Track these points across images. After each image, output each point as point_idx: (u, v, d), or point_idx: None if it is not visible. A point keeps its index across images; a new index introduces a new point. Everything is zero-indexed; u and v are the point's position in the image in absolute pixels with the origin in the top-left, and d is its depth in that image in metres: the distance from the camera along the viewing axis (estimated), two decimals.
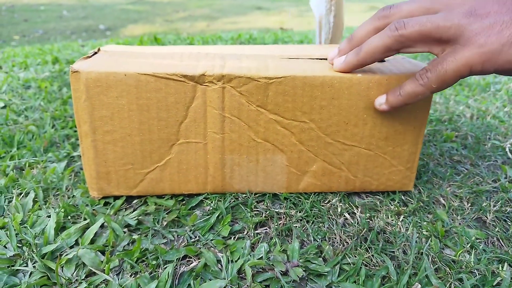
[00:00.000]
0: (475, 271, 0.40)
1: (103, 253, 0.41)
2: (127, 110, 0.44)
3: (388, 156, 0.48)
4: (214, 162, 0.47)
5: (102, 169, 0.46)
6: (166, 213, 0.47)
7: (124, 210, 0.48)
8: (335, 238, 0.44)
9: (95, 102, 0.43)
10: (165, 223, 0.46)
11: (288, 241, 0.44)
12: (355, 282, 0.38)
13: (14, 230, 0.43)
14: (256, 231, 0.45)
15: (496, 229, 0.47)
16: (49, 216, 0.46)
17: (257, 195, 0.51)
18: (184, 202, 0.50)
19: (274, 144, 0.47)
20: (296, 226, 0.46)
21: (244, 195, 0.50)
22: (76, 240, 0.43)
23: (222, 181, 0.49)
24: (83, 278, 0.38)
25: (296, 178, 0.49)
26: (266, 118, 0.45)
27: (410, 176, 0.50)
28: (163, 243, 0.43)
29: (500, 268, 0.40)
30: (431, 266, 0.40)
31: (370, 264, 0.41)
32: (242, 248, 0.42)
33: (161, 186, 0.48)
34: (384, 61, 0.49)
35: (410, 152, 0.48)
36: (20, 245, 0.42)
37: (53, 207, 0.48)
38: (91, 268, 0.39)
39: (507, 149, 0.66)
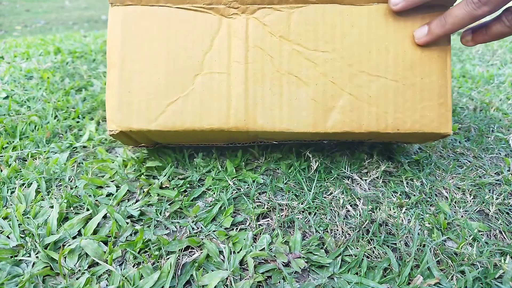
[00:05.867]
0: (477, 263, 0.40)
1: (105, 243, 0.41)
2: (156, 40, 0.46)
3: (417, 88, 0.46)
4: (237, 93, 0.46)
5: (125, 99, 0.46)
6: (168, 204, 0.47)
7: (127, 200, 0.48)
8: (337, 230, 0.44)
9: (128, 32, 0.46)
10: (167, 214, 0.46)
11: (290, 233, 0.44)
12: (356, 273, 0.38)
13: (17, 220, 0.43)
14: (258, 223, 0.45)
15: (499, 222, 0.46)
16: (51, 207, 0.46)
17: (259, 185, 0.51)
18: (186, 193, 0.50)
19: (297, 76, 0.46)
20: (298, 218, 0.46)
21: (246, 186, 0.50)
22: (79, 231, 0.43)
23: (245, 114, 0.47)
24: (86, 268, 0.38)
25: (322, 115, 0.47)
26: (289, 49, 0.46)
27: (446, 115, 0.47)
28: (165, 234, 0.43)
29: (502, 261, 0.40)
30: (433, 258, 0.40)
31: (372, 256, 0.41)
32: (244, 239, 0.42)
33: (182, 118, 0.47)
34: None
35: (440, 85, 0.46)
36: (23, 236, 0.42)
37: (55, 198, 0.48)
38: (93, 258, 0.39)
39: (510, 142, 0.66)
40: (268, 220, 0.46)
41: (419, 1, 0.43)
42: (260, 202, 0.48)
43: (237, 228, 0.44)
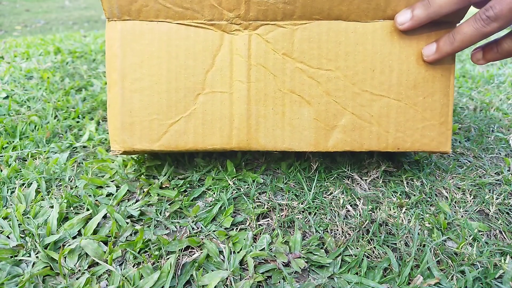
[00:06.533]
0: (477, 263, 0.40)
1: (105, 243, 0.41)
2: (156, 57, 0.45)
3: (419, 108, 0.46)
4: (239, 113, 0.46)
5: (127, 119, 0.46)
6: (168, 204, 0.47)
7: (127, 200, 0.48)
8: (337, 230, 0.44)
9: (127, 49, 0.45)
10: (167, 214, 0.46)
11: (290, 233, 0.44)
12: (357, 273, 0.38)
13: (17, 220, 0.43)
14: (258, 223, 0.45)
15: (499, 222, 0.46)
16: (51, 207, 0.46)
17: (259, 185, 0.51)
18: (186, 193, 0.50)
19: (300, 95, 0.46)
20: (298, 218, 0.46)
21: (246, 186, 0.50)
22: (79, 231, 0.43)
23: (248, 134, 0.47)
24: (85, 268, 0.38)
25: (324, 134, 0.47)
26: (292, 67, 0.45)
27: (446, 134, 0.47)
28: (165, 234, 0.43)
29: (502, 261, 0.40)
30: (433, 258, 0.40)
31: (372, 256, 0.41)
32: (244, 239, 0.42)
33: (185, 139, 0.47)
34: None
35: (442, 104, 0.46)
36: (23, 236, 0.42)
37: (55, 198, 0.48)
38: (93, 258, 0.39)
39: (510, 142, 0.66)
40: (268, 220, 0.46)
41: (426, 20, 0.42)
42: (260, 202, 0.48)
43: (237, 228, 0.44)
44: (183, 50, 0.45)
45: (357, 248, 0.41)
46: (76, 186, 0.51)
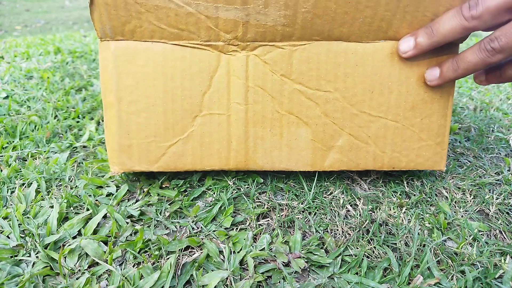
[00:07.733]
0: (477, 263, 0.40)
1: (105, 243, 0.41)
2: (152, 79, 0.44)
3: (416, 129, 0.47)
4: (237, 135, 0.46)
5: (125, 142, 0.46)
6: (168, 204, 0.47)
7: (127, 200, 0.48)
8: (337, 230, 0.44)
9: (122, 70, 0.44)
10: (167, 214, 0.46)
11: (290, 233, 0.44)
12: (357, 273, 0.38)
13: (17, 220, 0.43)
14: (258, 223, 0.45)
15: (499, 222, 0.46)
16: (51, 207, 0.46)
17: (259, 185, 0.51)
18: (186, 193, 0.50)
19: (298, 116, 0.46)
20: (298, 218, 0.46)
21: (246, 186, 0.50)
22: (79, 231, 0.43)
23: (245, 155, 0.47)
24: (85, 268, 0.38)
25: (321, 154, 0.48)
26: (290, 88, 0.45)
27: (441, 153, 0.48)
28: (165, 234, 0.43)
29: (503, 261, 0.40)
30: (433, 258, 0.40)
31: (372, 256, 0.41)
32: (244, 239, 0.42)
33: (183, 161, 0.47)
34: None
35: (439, 125, 0.47)
36: (23, 236, 0.42)
37: (55, 198, 0.48)
38: (94, 258, 0.39)
39: (510, 142, 0.66)
40: (268, 220, 0.46)
41: (429, 48, 0.42)
42: (260, 202, 0.48)
43: (237, 228, 0.44)
44: (179, 71, 0.44)
45: (357, 248, 0.41)
46: (76, 186, 0.51)
